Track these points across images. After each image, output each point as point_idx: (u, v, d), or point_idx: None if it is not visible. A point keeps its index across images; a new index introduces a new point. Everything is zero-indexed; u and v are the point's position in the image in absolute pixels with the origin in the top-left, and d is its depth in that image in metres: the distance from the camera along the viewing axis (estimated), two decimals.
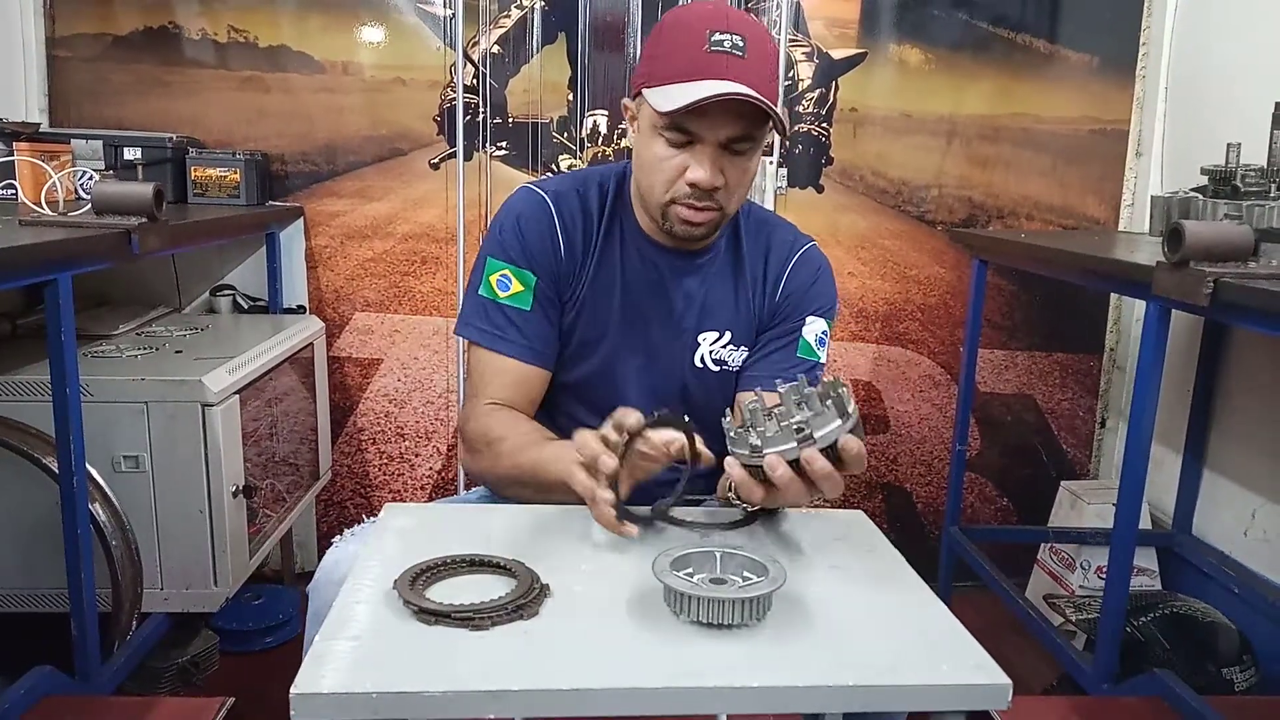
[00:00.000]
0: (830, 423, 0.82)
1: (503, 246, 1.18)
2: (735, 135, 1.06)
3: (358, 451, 2.44)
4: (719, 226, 1.15)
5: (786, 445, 0.83)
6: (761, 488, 0.86)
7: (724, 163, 1.07)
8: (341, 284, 2.37)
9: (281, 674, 0.70)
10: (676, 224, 1.12)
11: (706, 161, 1.06)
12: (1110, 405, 2.60)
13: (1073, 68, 2.44)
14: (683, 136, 1.06)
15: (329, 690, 0.66)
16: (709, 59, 1.03)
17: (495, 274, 1.17)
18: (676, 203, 1.10)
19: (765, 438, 0.84)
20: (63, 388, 1.35)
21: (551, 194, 1.20)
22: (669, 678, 0.70)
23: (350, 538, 1.02)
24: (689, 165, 1.07)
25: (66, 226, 1.39)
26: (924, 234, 2.49)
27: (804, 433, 0.82)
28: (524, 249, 1.17)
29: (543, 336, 1.18)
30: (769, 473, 0.83)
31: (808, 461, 0.82)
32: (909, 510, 2.59)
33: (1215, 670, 1.80)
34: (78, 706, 1.42)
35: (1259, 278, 1.27)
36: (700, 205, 1.09)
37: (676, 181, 1.08)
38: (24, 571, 1.62)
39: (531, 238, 1.17)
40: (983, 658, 0.75)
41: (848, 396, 0.84)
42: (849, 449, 0.83)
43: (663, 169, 1.09)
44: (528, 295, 1.17)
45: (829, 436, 0.82)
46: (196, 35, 2.24)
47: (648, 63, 1.10)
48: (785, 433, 0.83)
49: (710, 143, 1.06)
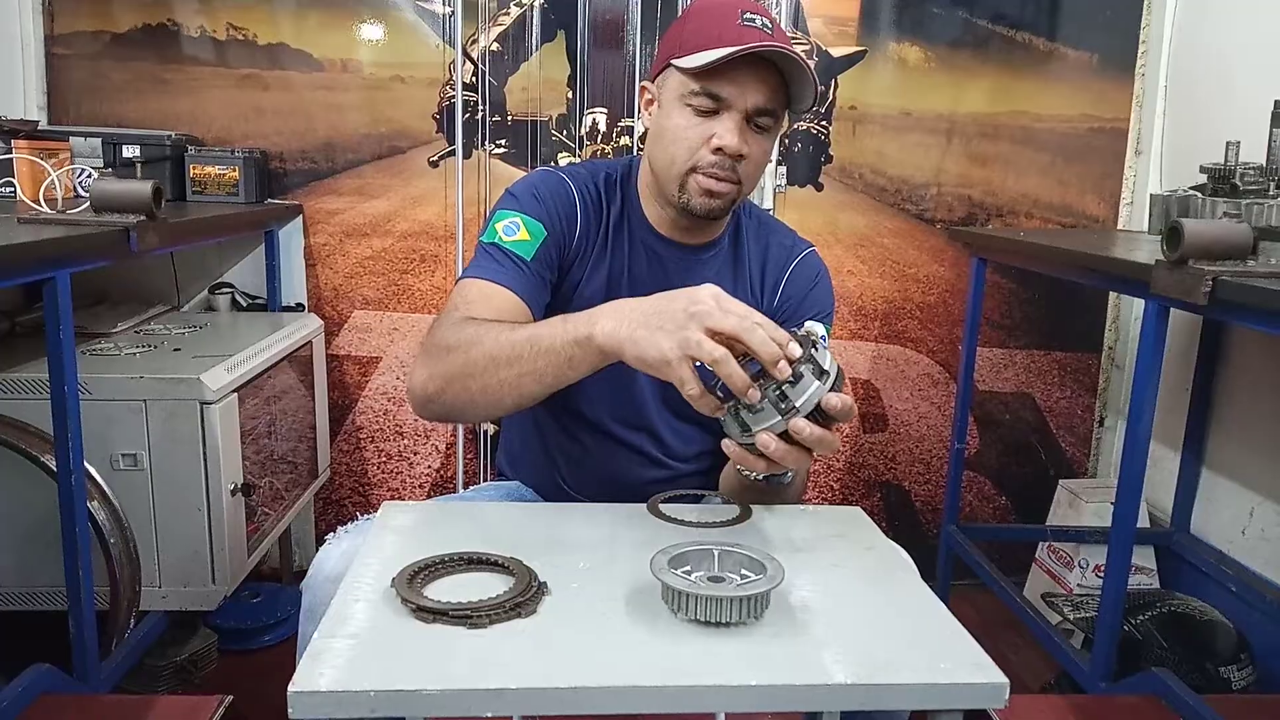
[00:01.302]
0: (809, 387, 0.83)
1: (517, 200, 1.16)
2: (762, 105, 1.07)
3: (356, 450, 2.44)
4: (734, 205, 1.14)
5: (773, 421, 0.84)
6: (762, 460, 0.86)
7: (748, 134, 1.08)
8: (340, 282, 2.37)
9: (280, 672, 0.70)
10: (695, 196, 1.11)
11: (735, 128, 1.07)
12: (1109, 404, 2.60)
13: (1072, 66, 2.43)
14: (710, 103, 1.07)
15: (327, 688, 0.66)
16: (741, 29, 1.05)
17: (503, 221, 1.13)
18: (698, 171, 1.10)
19: (752, 415, 0.85)
20: (61, 386, 1.35)
21: (570, 175, 1.20)
22: (667, 676, 0.70)
23: (344, 534, 1.02)
24: (714, 133, 1.08)
25: (65, 224, 1.39)
26: (923, 232, 2.49)
27: (787, 402, 0.83)
28: (539, 205, 1.15)
29: (536, 289, 1.11)
30: (763, 450, 0.84)
31: (796, 431, 0.83)
32: (907, 508, 2.60)
33: (1213, 669, 1.80)
34: (76, 705, 1.41)
35: (1258, 276, 1.27)
36: (723, 174, 1.09)
37: (700, 149, 1.09)
38: (22, 570, 1.62)
39: (548, 200, 1.16)
40: (980, 656, 0.75)
41: (824, 353, 0.85)
42: (834, 407, 0.83)
43: (687, 137, 1.09)
44: (532, 245, 1.12)
45: (810, 401, 0.83)
46: (195, 33, 2.24)
47: (674, 40, 1.11)
48: (769, 406, 0.84)
49: (739, 109, 1.07)
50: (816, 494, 2.56)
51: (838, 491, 2.57)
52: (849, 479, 2.57)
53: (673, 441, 1.24)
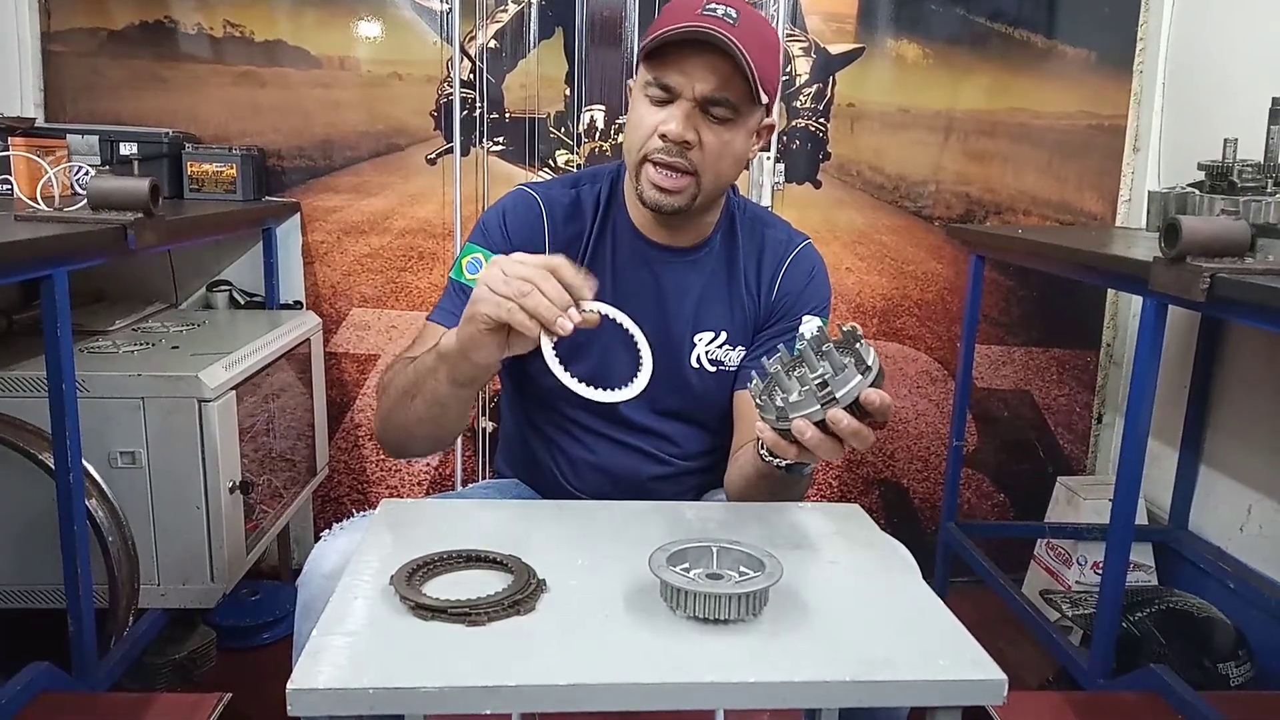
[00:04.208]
0: (851, 379, 0.83)
1: (484, 233, 1.18)
2: (710, 92, 1.06)
3: (355, 447, 2.43)
4: (694, 199, 1.12)
5: (811, 409, 0.84)
6: (794, 447, 0.87)
7: (700, 123, 1.08)
8: (338, 279, 2.37)
9: (278, 669, 0.70)
10: (647, 189, 1.10)
11: (680, 114, 1.07)
12: (1107, 401, 2.61)
13: (1070, 63, 2.43)
14: (662, 93, 1.07)
15: (326, 685, 0.66)
16: (699, 18, 1.05)
17: (468, 256, 1.16)
18: (649, 160, 1.09)
19: (790, 402, 0.85)
20: (59, 383, 1.35)
21: (542, 193, 1.20)
22: (665, 673, 0.70)
23: (339, 531, 1.02)
24: (661, 120, 1.08)
25: (62, 222, 1.39)
26: (921, 229, 2.49)
27: (826, 391, 0.83)
28: (504, 237, 1.17)
29: None
30: (798, 436, 0.84)
31: (833, 422, 0.83)
32: (906, 506, 2.60)
33: (1211, 665, 1.81)
34: (74, 702, 1.42)
35: (1255, 273, 1.27)
36: (670, 161, 1.08)
37: (650, 138, 1.08)
38: (20, 568, 1.62)
39: (515, 228, 1.17)
40: (979, 653, 0.75)
41: (866, 348, 0.85)
42: (872, 402, 0.83)
43: (640, 125, 1.10)
44: None
45: (851, 394, 0.83)
46: (192, 30, 2.23)
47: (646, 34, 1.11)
48: (809, 394, 0.84)
49: (686, 97, 1.07)
50: (815, 491, 2.56)
51: (836, 489, 2.57)
52: (848, 476, 2.57)
53: (672, 438, 1.24)
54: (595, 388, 0.94)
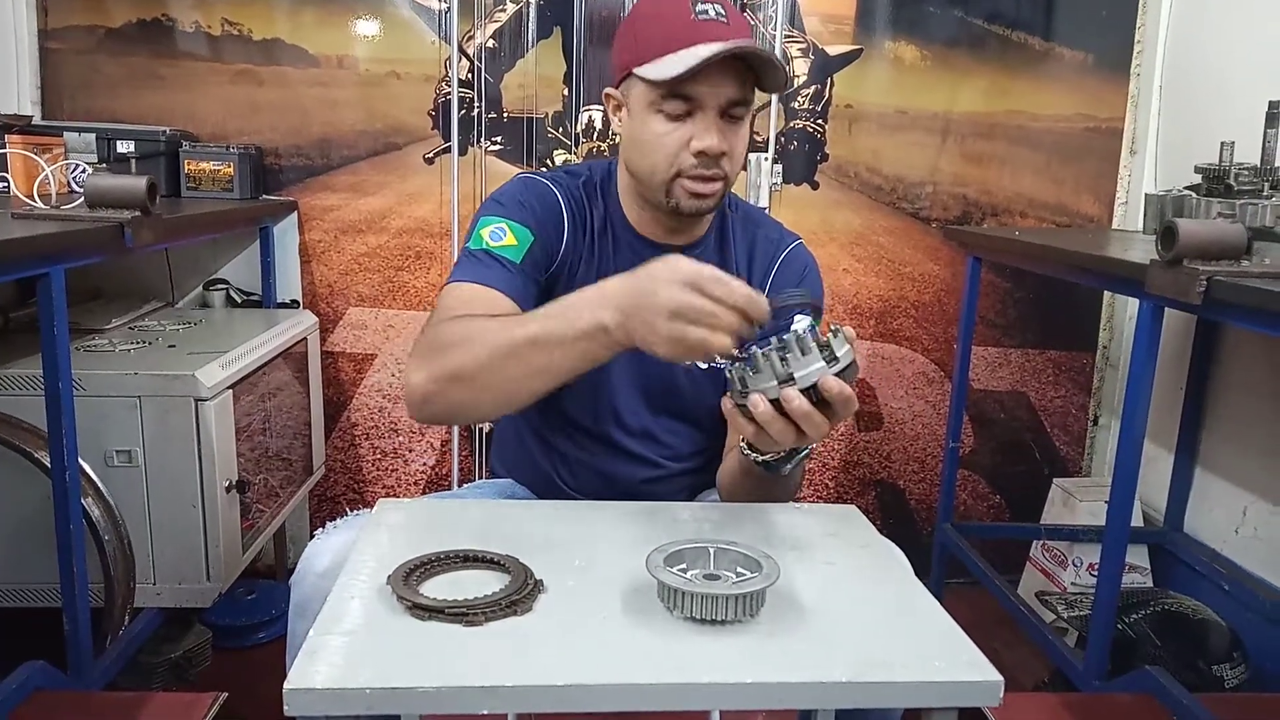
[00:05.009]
0: (813, 364, 0.83)
1: (502, 206, 1.14)
2: (735, 98, 1.06)
3: (351, 447, 2.43)
4: (723, 198, 1.14)
5: (768, 384, 0.84)
6: (751, 425, 0.87)
7: (724, 128, 1.07)
8: (335, 279, 2.37)
9: (275, 669, 0.70)
10: (684, 199, 1.10)
11: (713, 128, 1.06)
12: (1103, 403, 2.61)
13: (1068, 65, 2.44)
14: (682, 106, 1.06)
15: (322, 685, 0.66)
16: (697, 26, 1.04)
17: (488, 227, 1.11)
18: (683, 176, 1.09)
19: (752, 377, 0.86)
20: (55, 382, 1.35)
21: (552, 180, 1.19)
22: (662, 673, 0.70)
23: (333, 530, 1.01)
24: (693, 135, 1.06)
25: (59, 220, 1.39)
26: (918, 231, 2.49)
27: (786, 370, 0.84)
28: (526, 211, 1.14)
29: (526, 291, 1.09)
30: (752, 410, 0.84)
31: (786, 400, 0.83)
32: (902, 507, 2.60)
33: (1206, 667, 1.81)
34: (70, 701, 1.41)
35: (1252, 276, 1.28)
36: (709, 174, 1.08)
37: (680, 154, 1.07)
38: (16, 566, 1.62)
39: (535, 206, 1.15)
40: (975, 654, 0.75)
41: (842, 343, 0.85)
42: (829, 389, 0.83)
43: (664, 144, 1.07)
44: (520, 250, 1.10)
45: (809, 377, 0.83)
46: (190, 28, 2.23)
47: (630, 46, 1.09)
48: (769, 372, 0.85)
49: (712, 108, 1.06)
50: (811, 492, 2.57)
51: (832, 490, 2.58)
52: (844, 477, 2.57)
53: (667, 439, 1.24)
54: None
